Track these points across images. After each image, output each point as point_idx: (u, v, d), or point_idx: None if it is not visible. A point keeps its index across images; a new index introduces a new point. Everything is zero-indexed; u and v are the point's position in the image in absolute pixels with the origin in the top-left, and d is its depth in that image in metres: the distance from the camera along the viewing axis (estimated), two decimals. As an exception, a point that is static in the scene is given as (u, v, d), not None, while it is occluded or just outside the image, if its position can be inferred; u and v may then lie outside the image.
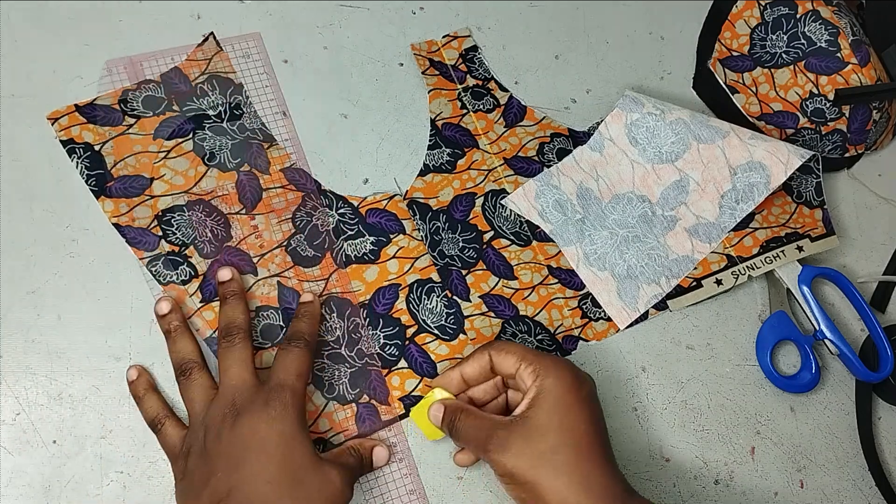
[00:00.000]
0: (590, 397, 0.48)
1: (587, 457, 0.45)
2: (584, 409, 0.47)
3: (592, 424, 0.47)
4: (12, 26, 0.55)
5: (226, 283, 0.51)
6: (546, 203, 0.59)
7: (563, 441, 0.45)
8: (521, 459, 0.45)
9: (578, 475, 0.45)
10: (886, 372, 0.58)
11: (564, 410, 0.46)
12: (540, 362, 0.48)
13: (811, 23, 0.62)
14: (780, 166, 0.58)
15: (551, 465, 0.45)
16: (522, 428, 0.46)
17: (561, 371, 0.48)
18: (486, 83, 0.62)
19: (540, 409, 0.46)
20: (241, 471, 0.43)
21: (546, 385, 0.47)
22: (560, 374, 0.47)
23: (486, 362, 0.50)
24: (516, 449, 0.46)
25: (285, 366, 0.47)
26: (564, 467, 0.45)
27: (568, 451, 0.45)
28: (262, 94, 0.57)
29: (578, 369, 0.49)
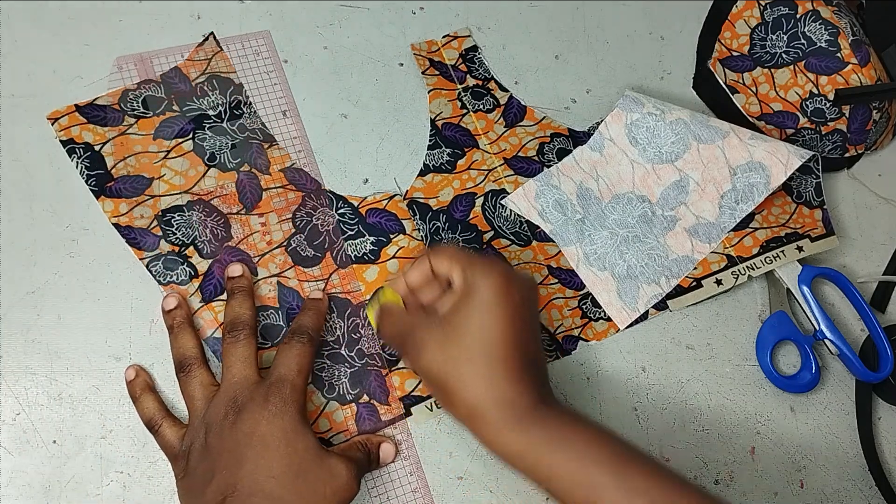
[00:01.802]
0: (519, 300, 0.46)
1: (501, 366, 0.44)
2: (506, 314, 0.45)
3: (513, 331, 0.45)
4: (12, 26, 0.55)
5: (235, 279, 0.51)
6: (546, 203, 0.59)
7: (478, 347, 0.44)
8: (434, 362, 0.45)
9: (489, 385, 0.43)
10: (886, 372, 0.58)
11: (484, 313, 0.44)
12: (470, 262, 0.46)
13: (811, 23, 0.63)
14: (780, 166, 0.58)
15: (461, 372, 0.44)
16: (440, 330, 0.45)
17: (491, 274, 0.45)
18: (486, 83, 0.62)
19: (460, 310, 0.45)
20: (244, 467, 0.43)
21: (472, 285, 0.45)
22: (490, 277, 0.45)
23: (427, 267, 0.49)
24: (430, 351, 0.45)
25: (286, 361, 0.47)
26: (475, 374, 0.44)
27: (481, 358, 0.44)
28: (271, 93, 0.57)
29: (514, 273, 0.47)
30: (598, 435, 0.44)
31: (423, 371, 0.46)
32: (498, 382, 0.44)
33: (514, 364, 0.44)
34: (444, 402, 0.46)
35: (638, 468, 0.43)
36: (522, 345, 0.45)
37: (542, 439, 0.43)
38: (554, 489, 0.43)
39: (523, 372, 0.45)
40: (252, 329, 0.49)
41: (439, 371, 0.45)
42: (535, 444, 0.43)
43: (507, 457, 0.44)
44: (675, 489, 0.42)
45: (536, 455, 0.43)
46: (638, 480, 0.42)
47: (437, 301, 0.50)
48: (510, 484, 0.53)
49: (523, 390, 0.44)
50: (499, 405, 0.43)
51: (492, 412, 0.43)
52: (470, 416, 0.44)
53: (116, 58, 0.55)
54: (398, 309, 0.49)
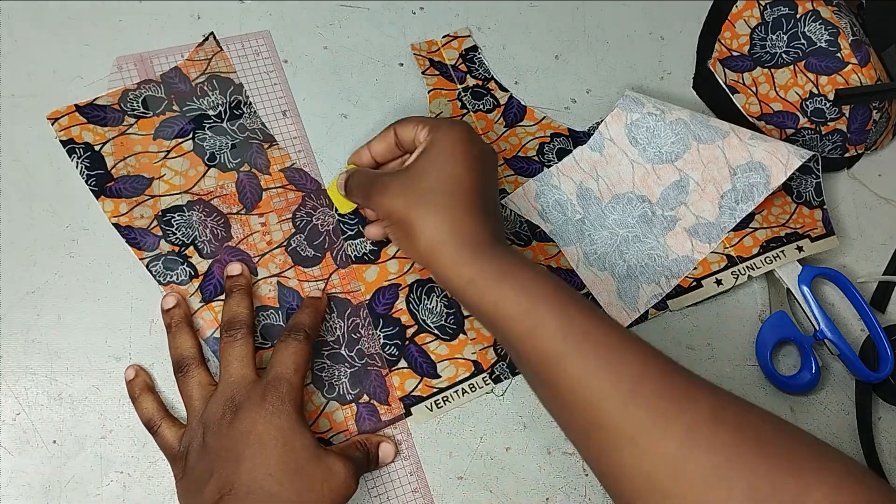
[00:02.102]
0: (479, 152, 0.49)
1: (461, 202, 0.46)
2: (467, 160, 0.47)
3: (472, 175, 0.47)
4: (12, 26, 0.55)
5: (233, 278, 0.51)
6: (546, 203, 0.59)
7: (440, 185, 0.46)
8: (398, 199, 0.47)
9: (449, 218, 0.45)
10: (886, 372, 0.58)
11: (447, 158, 0.47)
12: (436, 122, 0.50)
13: (811, 23, 0.63)
14: (780, 166, 0.58)
15: (424, 206, 0.46)
16: (404, 173, 0.48)
17: (454, 127, 0.49)
18: (486, 83, 0.62)
19: (424, 157, 0.48)
20: (241, 465, 0.43)
21: (436, 137, 0.48)
22: (452, 129, 0.48)
23: (392, 137, 0.51)
24: (394, 190, 0.47)
25: (283, 359, 0.47)
26: (436, 208, 0.46)
27: (442, 195, 0.46)
28: (271, 93, 0.57)
29: (474, 131, 0.50)
30: (545, 274, 0.45)
31: (386, 209, 0.47)
32: (457, 216, 0.46)
33: (472, 202, 0.46)
34: (405, 239, 0.47)
35: (580, 307, 0.43)
36: (480, 188, 0.47)
37: (492, 270, 0.44)
38: (497, 322, 0.44)
39: (482, 211, 0.47)
40: (249, 328, 0.49)
41: (402, 207, 0.46)
42: (486, 273, 0.44)
43: (459, 287, 0.45)
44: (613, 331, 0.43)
45: (485, 284, 0.44)
46: (579, 318, 0.42)
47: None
48: (510, 484, 0.53)
49: (480, 226, 0.46)
50: (457, 236, 0.45)
51: (449, 243, 0.45)
52: (429, 247, 0.45)
53: (116, 58, 0.55)
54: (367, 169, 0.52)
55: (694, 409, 0.39)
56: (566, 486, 0.54)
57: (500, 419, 0.54)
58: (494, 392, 0.54)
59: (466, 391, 0.54)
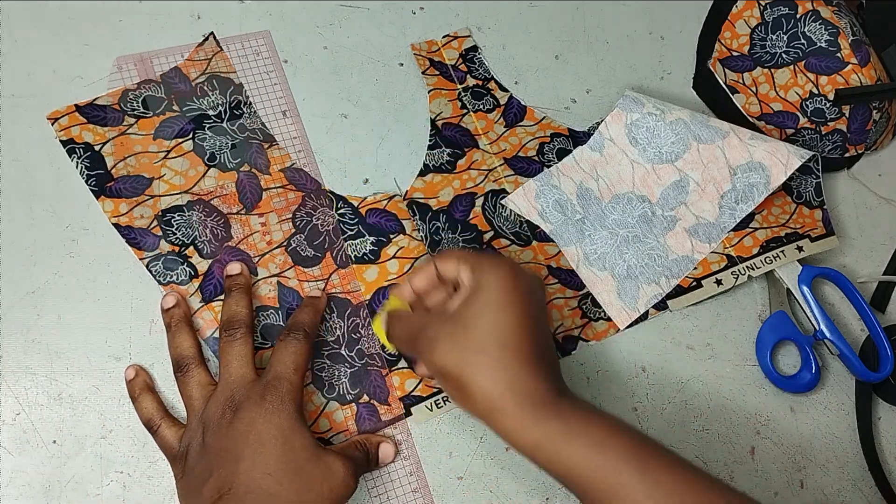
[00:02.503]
0: (528, 294, 0.46)
1: (515, 356, 0.43)
2: (517, 306, 0.44)
3: (525, 323, 0.44)
4: (12, 26, 0.55)
5: (233, 277, 0.51)
6: (546, 203, 0.59)
7: (491, 338, 0.44)
8: (449, 356, 0.44)
9: (504, 374, 0.43)
10: (886, 372, 0.58)
11: (495, 307, 0.44)
12: (478, 261, 0.47)
13: (811, 23, 0.63)
14: (780, 166, 0.58)
15: (476, 363, 0.43)
16: (452, 324, 0.45)
17: (498, 268, 0.46)
18: (486, 83, 0.62)
19: (471, 305, 0.45)
20: (240, 465, 0.43)
21: (481, 282, 0.45)
22: (497, 270, 0.45)
23: (432, 272, 0.49)
24: (443, 345, 0.44)
25: (282, 358, 0.47)
26: (490, 364, 0.43)
27: (494, 350, 0.43)
28: (271, 93, 0.57)
29: (519, 267, 0.47)
30: (618, 426, 0.43)
31: (437, 367, 0.45)
32: (514, 371, 0.43)
33: (528, 353, 0.44)
34: (460, 398, 0.45)
35: (661, 461, 0.42)
36: (534, 336, 0.45)
37: (561, 429, 0.42)
38: (574, 481, 0.42)
39: (538, 362, 0.44)
40: (249, 327, 0.49)
41: (454, 365, 0.44)
42: (555, 434, 0.42)
43: (526, 448, 0.43)
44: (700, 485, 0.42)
45: (556, 446, 0.42)
46: (661, 474, 0.41)
47: (444, 303, 0.49)
48: (510, 484, 0.53)
49: (540, 379, 0.44)
50: (516, 394, 0.43)
51: (510, 402, 0.43)
52: (488, 407, 0.43)
53: (116, 58, 0.55)
54: (406, 312, 0.49)
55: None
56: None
57: (500, 419, 0.54)
58: (494, 392, 0.54)
59: (466, 391, 0.54)
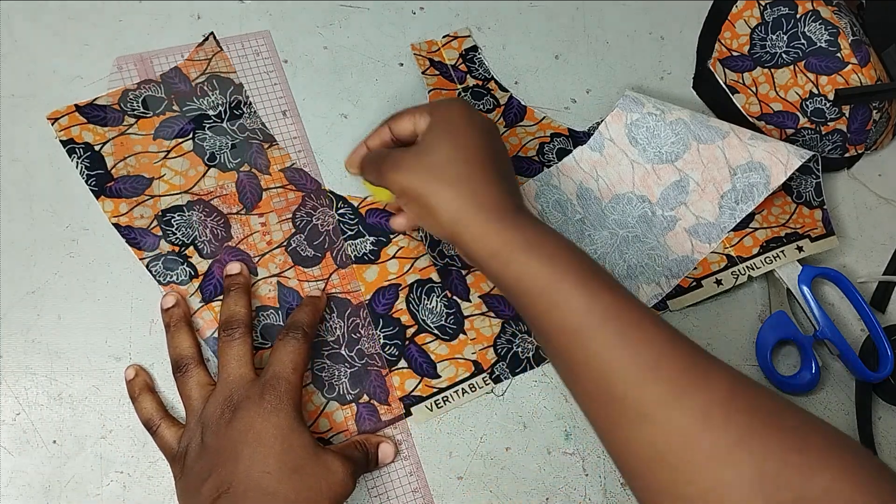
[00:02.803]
0: (483, 127, 0.49)
1: (477, 171, 0.46)
2: (475, 132, 0.47)
3: (484, 144, 0.47)
4: (12, 26, 0.55)
5: (232, 277, 0.51)
6: (546, 203, 0.59)
7: (453, 156, 0.46)
8: (413, 174, 0.46)
9: (467, 187, 0.45)
10: (886, 372, 0.58)
11: (454, 132, 0.47)
12: (432, 104, 0.50)
13: (811, 23, 0.63)
14: (780, 167, 0.58)
15: (441, 178, 0.46)
16: (415, 148, 0.48)
17: (453, 103, 0.49)
18: (486, 83, 0.62)
19: (431, 132, 0.48)
20: (239, 464, 0.43)
21: (436, 116, 0.48)
22: (451, 105, 0.49)
23: (387, 134, 0.51)
24: (408, 165, 0.47)
25: (281, 358, 0.47)
26: (453, 179, 0.45)
27: (458, 165, 0.46)
28: (271, 93, 0.57)
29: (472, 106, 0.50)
30: (571, 247, 0.45)
31: (402, 186, 0.47)
32: (476, 185, 0.45)
33: (489, 171, 0.46)
34: (425, 215, 0.47)
35: (605, 281, 0.43)
36: (495, 158, 0.47)
37: (517, 240, 0.44)
38: (520, 292, 0.44)
39: (499, 179, 0.46)
40: (247, 327, 0.49)
41: (419, 184, 0.46)
42: (511, 243, 0.44)
43: (483, 257, 0.45)
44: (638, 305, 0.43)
45: (510, 254, 0.44)
46: (603, 291, 0.42)
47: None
48: (510, 484, 0.53)
49: (502, 194, 0.46)
50: (479, 206, 0.45)
51: (472, 213, 0.45)
52: (451, 220, 0.45)
53: (116, 58, 0.55)
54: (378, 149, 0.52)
55: (711, 388, 0.40)
56: (566, 487, 0.54)
57: (500, 419, 0.54)
58: (494, 392, 0.54)
59: (466, 391, 0.54)
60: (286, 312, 0.53)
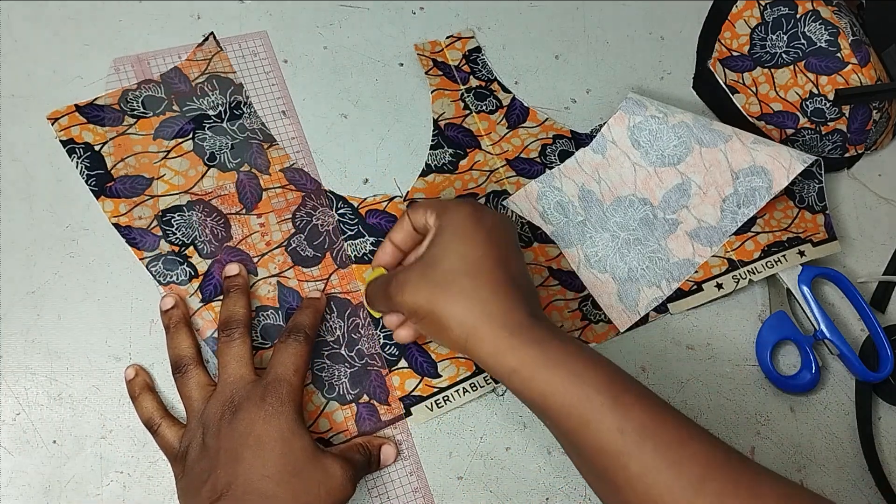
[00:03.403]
0: (493, 226, 0.46)
1: (485, 283, 0.44)
2: (481, 237, 0.45)
3: (492, 252, 0.45)
4: (12, 26, 0.55)
5: (231, 278, 0.51)
6: (548, 205, 0.59)
7: (459, 268, 0.44)
8: (419, 293, 0.45)
9: (477, 300, 0.43)
10: (886, 372, 0.58)
11: (460, 240, 0.45)
12: (442, 204, 0.48)
13: (811, 23, 0.63)
14: (782, 171, 0.58)
15: (448, 293, 0.44)
16: (420, 265, 0.46)
17: (460, 206, 0.47)
18: (489, 84, 0.62)
19: (436, 244, 0.46)
20: (239, 466, 0.43)
21: (444, 221, 0.46)
22: (459, 208, 0.47)
23: (408, 223, 0.50)
24: (413, 284, 0.45)
25: (283, 360, 0.47)
26: (461, 293, 0.44)
27: (464, 278, 0.44)
28: (269, 93, 0.57)
29: (482, 206, 0.48)
30: (595, 358, 0.43)
31: (410, 307, 0.45)
32: (486, 297, 0.44)
33: (499, 280, 0.44)
34: (436, 332, 0.45)
35: (635, 396, 0.42)
36: (504, 264, 0.45)
37: (538, 356, 0.42)
38: (547, 409, 0.42)
39: (511, 288, 0.44)
40: (246, 327, 0.49)
41: (426, 301, 0.44)
42: (531, 360, 0.42)
43: (503, 374, 0.43)
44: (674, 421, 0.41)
45: (532, 372, 0.42)
46: (634, 407, 0.41)
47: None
48: (510, 484, 0.53)
49: (514, 305, 0.44)
50: (491, 319, 0.43)
51: (485, 327, 0.43)
52: (464, 335, 0.43)
53: (114, 59, 0.55)
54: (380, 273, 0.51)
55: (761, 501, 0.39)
56: (566, 486, 0.54)
57: (500, 419, 0.54)
58: (496, 392, 0.54)
59: (467, 390, 0.54)
60: (286, 312, 0.53)
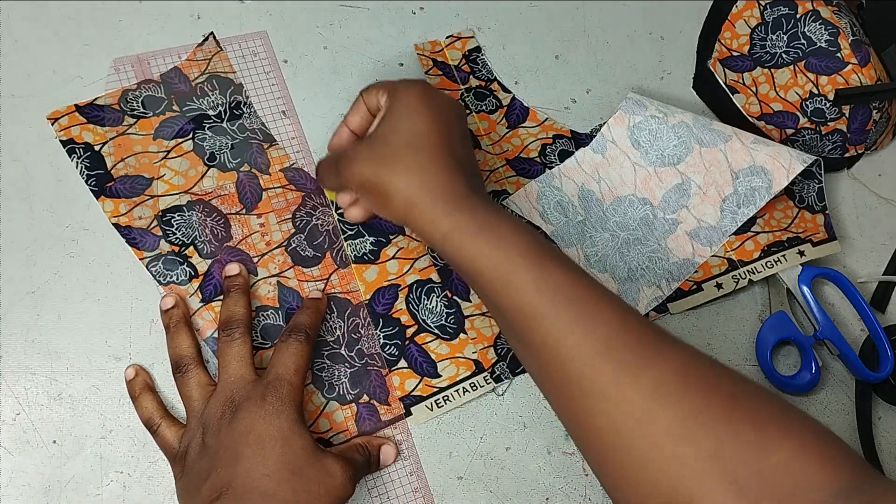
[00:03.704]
0: (441, 106, 0.48)
1: (429, 157, 0.45)
2: (429, 115, 0.47)
3: (437, 128, 0.46)
4: (12, 26, 0.55)
5: (231, 278, 0.51)
6: (547, 204, 0.59)
7: (405, 144, 0.46)
8: (367, 166, 0.46)
9: (419, 174, 0.45)
10: (886, 372, 0.58)
11: (407, 116, 0.46)
12: (393, 83, 0.49)
13: (811, 23, 0.63)
14: (782, 171, 0.58)
15: (392, 167, 0.45)
16: (368, 140, 0.47)
17: (410, 86, 0.48)
18: (489, 84, 0.62)
19: (385, 120, 0.47)
20: (239, 465, 0.43)
21: (394, 99, 0.48)
22: (409, 88, 0.48)
23: (362, 105, 0.51)
24: (362, 158, 0.46)
25: (283, 360, 0.48)
26: (405, 167, 0.45)
27: (409, 152, 0.45)
28: (269, 93, 0.57)
29: (433, 87, 0.49)
30: (522, 228, 0.44)
31: (358, 180, 0.47)
32: (428, 170, 0.45)
33: (442, 155, 0.46)
34: (381, 204, 0.46)
35: (556, 261, 0.43)
36: (449, 141, 0.47)
37: (469, 223, 0.44)
38: (473, 273, 0.44)
39: (452, 163, 0.46)
40: (246, 327, 0.49)
41: (372, 173, 0.46)
42: (462, 226, 0.44)
43: (437, 241, 0.45)
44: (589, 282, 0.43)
45: (462, 238, 0.43)
46: (554, 269, 0.42)
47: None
48: (510, 484, 0.53)
49: (454, 178, 0.45)
50: (431, 190, 0.44)
51: (424, 197, 0.44)
52: (405, 205, 0.45)
53: (114, 59, 0.55)
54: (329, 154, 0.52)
55: (663, 364, 0.40)
56: (566, 486, 0.54)
57: (500, 419, 0.54)
58: (495, 391, 0.55)
59: (467, 390, 0.54)
60: (286, 312, 0.53)
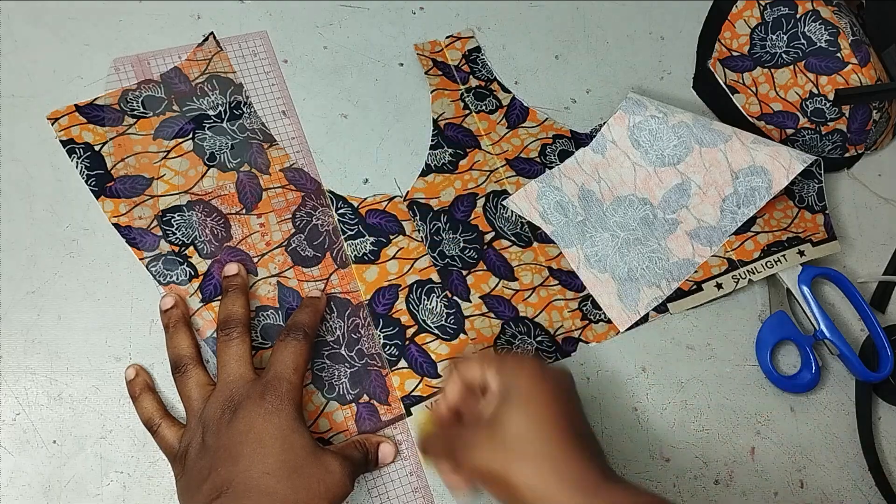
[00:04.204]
0: (556, 387, 0.46)
1: (557, 446, 0.43)
2: (549, 400, 0.45)
3: (560, 414, 0.45)
4: (12, 26, 0.55)
5: (230, 278, 0.51)
6: (547, 204, 0.59)
7: (529, 432, 0.44)
8: (491, 458, 0.44)
9: (549, 464, 0.43)
10: (886, 372, 0.58)
11: (528, 403, 0.44)
12: (501, 363, 0.47)
13: (811, 23, 0.63)
14: (782, 171, 0.58)
15: (519, 457, 0.43)
16: (487, 427, 0.45)
17: (522, 368, 0.46)
18: (489, 84, 0.62)
19: (503, 408, 0.45)
20: (239, 464, 0.43)
21: (508, 384, 0.46)
22: (522, 370, 0.46)
23: (457, 378, 0.49)
24: (482, 447, 0.44)
25: (282, 359, 0.47)
26: (533, 458, 0.43)
27: (535, 442, 0.43)
28: (269, 93, 0.57)
29: (544, 363, 0.47)
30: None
31: (480, 471, 0.44)
32: (558, 460, 0.43)
33: (569, 442, 0.44)
34: (507, 497, 0.44)
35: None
36: (571, 425, 0.45)
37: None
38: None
39: (580, 449, 0.44)
40: (245, 326, 0.49)
41: (498, 467, 0.43)
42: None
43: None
44: None
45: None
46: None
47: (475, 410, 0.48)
48: (510, 484, 0.53)
49: (586, 466, 0.43)
50: (564, 483, 0.42)
51: (558, 491, 0.42)
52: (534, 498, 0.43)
53: (114, 59, 0.55)
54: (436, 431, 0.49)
55: None
56: (566, 487, 0.54)
57: (500, 419, 0.54)
58: (495, 392, 0.54)
59: (467, 391, 0.54)
60: (286, 312, 0.53)
